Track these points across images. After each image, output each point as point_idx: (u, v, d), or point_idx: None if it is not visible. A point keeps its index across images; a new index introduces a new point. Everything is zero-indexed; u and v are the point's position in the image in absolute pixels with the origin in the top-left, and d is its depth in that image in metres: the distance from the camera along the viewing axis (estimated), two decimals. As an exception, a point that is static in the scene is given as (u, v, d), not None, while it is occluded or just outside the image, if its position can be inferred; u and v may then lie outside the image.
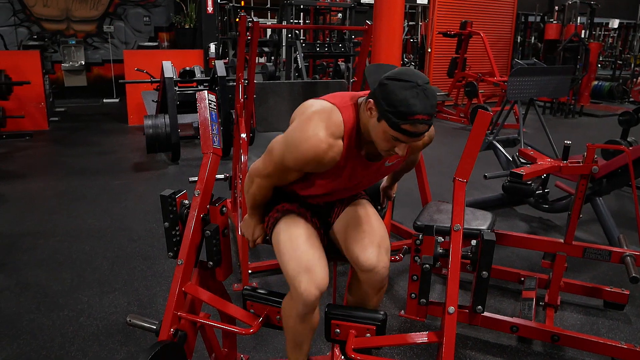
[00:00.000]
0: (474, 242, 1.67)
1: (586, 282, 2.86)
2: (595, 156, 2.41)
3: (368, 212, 1.79)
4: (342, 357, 2.12)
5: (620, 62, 12.41)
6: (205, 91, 1.96)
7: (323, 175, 1.61)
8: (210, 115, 1.93)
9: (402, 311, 2.34)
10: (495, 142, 4.17)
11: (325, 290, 1.61)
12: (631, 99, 11.01)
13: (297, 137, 1.51)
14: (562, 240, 2.54)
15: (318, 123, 1.50)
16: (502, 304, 2.83)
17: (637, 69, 11.63)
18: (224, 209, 1.85)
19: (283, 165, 1.58)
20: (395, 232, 3.63)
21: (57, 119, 7.90)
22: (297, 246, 1.64)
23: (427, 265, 1.62)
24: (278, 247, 1.69)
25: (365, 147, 1.58)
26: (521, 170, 2.33)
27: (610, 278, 3.11)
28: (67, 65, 9.72)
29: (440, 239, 1.68)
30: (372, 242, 1.69)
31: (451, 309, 1.54)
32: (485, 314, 2.46)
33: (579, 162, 2.41)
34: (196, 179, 1.91)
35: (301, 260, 1.60)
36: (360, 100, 1.56)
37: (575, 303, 2.84)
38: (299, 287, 1.57)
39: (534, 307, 2.58)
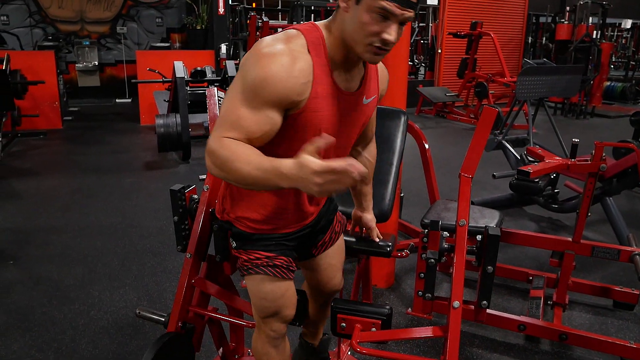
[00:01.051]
0: (479, 237, 1.68)
1: (596, 282, 2.85)
2: (604, 154, 2.40)
3: (341, 246, 1.81)
4: (348, 352, 2.14)
5: (634, 63, 12.30)
6: (215, 88, 1.99)
7: (311, 102, 1.28)
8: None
9: (410, 309, 2.36)
10: (504, 142, 4.16)
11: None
12: (644, 100, 10.92)
13: (253, 59, 1.24)
14: (570, 239, 2.54)
15: (274, 40, 1.26)
16: (510, 303, 2.83)
17: (650, 70, 11.54)
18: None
19: (247, 102, 1.22)
20: (403, 230, 3.64)
21: (70, 118, 8.00)
22: (268, 295, 1.54)
23: (432, 260, 1.64)
24: (250, 288, 1.58)
25: (338, 72, 1.33)
26: (529, 168, 2.34)
27: (620, 278, 3.10)
28: (80, 65, 9.83)
29: (446, 234, 1.69)
30: (337, 273, 1.79)
31: (456, 303, 1.55)
32: (493, 312, 2.46)
33: (587, 161, 2.41)
34: (205, 176, 1.95)
35: (270, 306, 1.55)
36: (324, 21, 1.35)
37: (584, 303, 2.83)
38: (269, 327, 1.58)
39: (541, 305, 2.58)
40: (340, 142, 1.43)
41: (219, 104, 1.97)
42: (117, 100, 10.17)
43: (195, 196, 1.95)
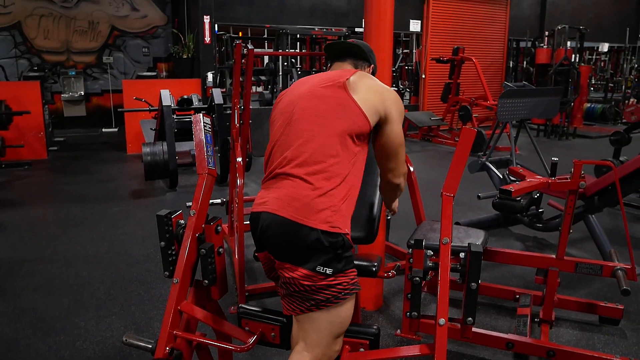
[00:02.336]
0: (462, 254, 1.71)
1: (581, 298, 2.88)
2: (583, 173, 2.46)
3: None
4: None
5: (612, 85, 12.58)
6: (201, 114, 2.02)
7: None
8: (205, 137, 1.98)
9: (399, 330, 2.36)
10: (488, 164, 4.23)
11: None
12: (624, 120, 11.13)
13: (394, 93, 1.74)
14: (554, 256, 2.58)
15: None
16: (497, 322, 2.84)
17: (628, 91, 11.79)
18: (219, 228, 1.89)
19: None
20: (390, 253, 3.66)
21: (56, 148, 7.98)
22: (351, 310, 1.64)
23: (417, 278, 1.66)
24: (345, 311, 1.61)
25: None
26: (510, 187, 2.38)
27: (605, 294, 3.13)
28: (66, 95, 9.84)
29: (430, 252, 1.71)
30: None
31: (442, 320, 1.56)
32: (481, 330, 2.48)
33: (567, 179, 2.46)
34: (193, 204, 1.96)
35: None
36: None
37: (570, 319, 2.85)
38: (339, 345, 1.66)
39: (529, 323, 2.59)
40: None
41: (204, 129, 2.00)
42: (103, 130, 10.17)
43: (182, 221, 1.95)
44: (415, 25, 10.54)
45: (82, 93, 9.98)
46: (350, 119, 1.60)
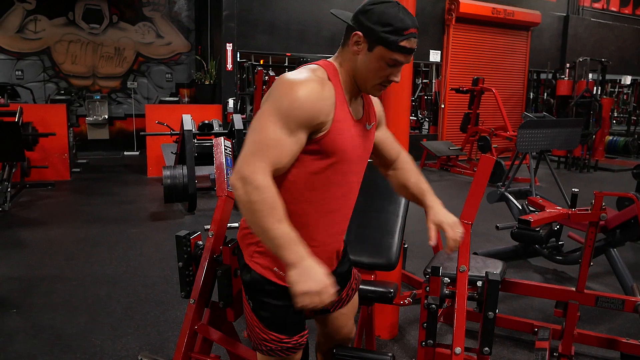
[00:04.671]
0: (479, 283, 1.69)
1: (602, 333, 2.81)
2: (604, 205, 2.43)
3: (355, 302, 1.81)
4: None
5: (635, 118, 12.47)
6: (222, 137, 2.06)
7: (335, 126, 1.39)
8: (226, 160, 2.02)
9: (414, 359, 2.33)
10: (507, 194, 4.20)
11: None
12: (647, 154, 11.00)
13: (283, 88, 1.34)
14: (574, 289, 2.53)
15: (300, 72, 1.39)
16: (515, 355, 2.79)
17: (651, 124, 11.67)
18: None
19: (276, 122, 1.31)
20: (406, 281, 3.63)
21: (79, 170, 8.12)
22: None
23: (434, 306, 1.65)
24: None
25: (350, 101, 1.47)
26: (529, 217, 2.36)
27: (628, 330, 3.06)
28: (91, 119, 10.06)
29: (447, 280, 1.70)
30: (350, 322, 1.79)
31: (458, 349, 1.55)
32: (498, 363, 2.43)
33: (587, 210, 2.43)
34: (212, 225, 1.99)
35: None
36: (334, 57, 1.49)
37: (590, 355, 2.79)
38: None
39: (547, 357, 2.54)
40: (358, 168, 1.53)
41: (225, 152, 2.04)
42: (125, 153, 10.35)
43: (200, 242, 1.98)
44: (435, 56, 10.62)
45: (106, 117, 10.20)
46: None
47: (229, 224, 2.10)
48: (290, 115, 1.30)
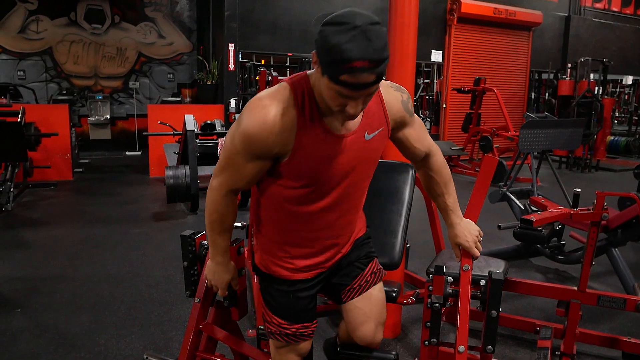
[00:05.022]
0: (482, 282, 1.71)
1: (604, 332, 2.82)
2: (606, 205, 2.44)
3: (377, 295, 1.75)
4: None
5: (636, 118, 12.47)
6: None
7: (296, 152, 1.40)
8: (230, 160, 2.03)
9: (416, 359, 2.34)
10: (509, 194, 4.21)
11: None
12: (648, 154, 11.00)
13: (243, 114, 1.40)
14: (576, 288, 2.54)
15: (262, 96, 1.39)
16: (517, 354, 2.80)
17: (653, 124, 11.67)
18: (241, 249, 1.92)
19: (234, 148, 1.41)
20: (409, 281, 3.64)
21: (81, 170, 8.14)
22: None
23: (437, 304, 1.66)
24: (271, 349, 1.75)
25: (330, 116, 1.41)
26: (532, 217, 2.37)
27: (629, 329, 3.07)
28: (93, 119, 10.08)
29: (451, 279, 1.72)
30: (371, 321, 1.72)
31: (461, 347, 1.56)
32: (500, 362, 2.45)
33: (589, 210, 2.45)
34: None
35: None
36: (314, 70, 1.37)
37: (592, 354, 2.80)
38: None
39: (549, 356, 2.55)
40: (350, 180, 1.52)
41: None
42: (127, 153, 10.37)
43: (205, 242, 1.99)
44: (436, 56, 10.63)
45: (108, 117, 10.22)
46: None
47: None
48: (245, 148, 1.39)
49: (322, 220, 1.55)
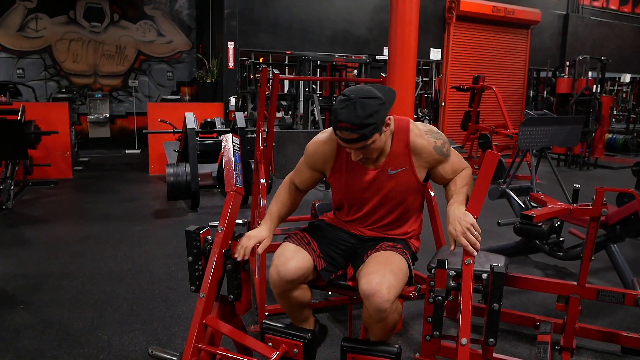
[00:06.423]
0: (484, 275, 1.73)
1: (603, 327, 2.85)
2: (605, 201, 2.47)
3: (391, 255, 1.95)
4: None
5: (634, 116, 12.51)
6: (231, 134, 2.10)
7: (334, 173, 2.09)
8: (234, 156, 2.05)
9: (417, 354, 2.37)
10: (508, 190, 4.24)
11: (291, 279, 1.98)
12: (646, 151, 11.04)
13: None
14: (575, 283, 2.57)
15: (323, 130, 2.14)
16: (517, 349, 2.83)
17: (651, 122, 11.71)
18: (245, 244, 1.94)
19: (303, 159, 2.17)
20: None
21: (81, 168, 8.16)
22: (284, 247, 2.08)
23: (440, 298, 1.68)
24: None
25: None
26: (532, 212, 2.40)
27: (628, 324, 3.10)
28: (92, 117, 10.10)
29: (453, 272, 1.74)
30: (377, 272, 1.83)
31: (464, 340, 1.58)
32: (501, 356, 2.47)
33: (588, 206, 2.47)
34: (216, 223, 2.02)
35: (277, 254, 2.04)
36: None
37: (592, 348, 2.82)
38: (270, 271, 2.01)
39: (549, 350, 2.57)
40: (382, 200, 2.08)
41: (233, 149, 2.07)
42: (126, 151, 10.39)
43: (209, 237, 2.01)
44: (435, 54, 10.65)
45: (108, 115, 10.23)
46: None
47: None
48: (305, 157, 2.16)
49: (359, 217, 2.16)
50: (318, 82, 10.67)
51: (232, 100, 8.73)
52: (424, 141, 2.01)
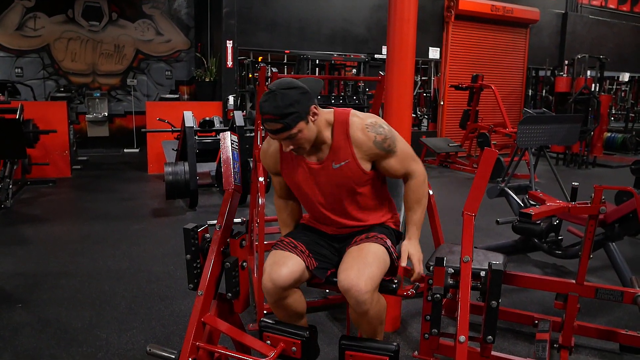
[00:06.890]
0: (482, 273, 1.73)
1: (601, 325, 2.85)
2: (604, 199, 2.47)
3: (365, 247, 1.96)
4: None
5: (633, 115, 12.52)
6: (229, 132, 2.09)
7: (284, 172, 2.09)
8: (233, 154, 2.05)
9: (416, 352, 2.37)
10: (507, 189, 4.24)
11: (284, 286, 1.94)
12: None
13: None
14: (573, 281, 2.57)
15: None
16: (516, 347, 2.83)
17: (649, 121, 11.73)
18: (244, 242, 1.94)
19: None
20: (408, 276, 3.66)
21: (79, 167, 8.15)
22: (273, 256, 2.02)
23: (438, 295, 1.68)
24: None
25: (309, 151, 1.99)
26: (530, 210, 2.40)
27: (626, 322, 3.10)
28: (91, 116, 10.08)
29: (451, 270, 1.74)
30: (352, 267, 1.85)
31: (462, 337, 1.58)
32: (499, 354, 2.47)
33: (587, 204, 2.47)
34: (214, 222, 2.02)
35: (268, 263, 1.98)
36: None
37: (590, 346, 2.82)
38: (262, 281, 1.95)
39: (547, 348, 2.58)
40: (333, 194, 2.05)
41: (231, 147, 2.07)
42: (125, 150, 10.37)
43: (208, 235, 2.01)
44: (434, 53, 10.65)
45: (106, 114, 10.22)
46: None
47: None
48: (265, 167, 2.17)
49: (322, 215, 2.13)
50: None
51: (231, 99, 8.72)
52: (364, 136, 1.97)
